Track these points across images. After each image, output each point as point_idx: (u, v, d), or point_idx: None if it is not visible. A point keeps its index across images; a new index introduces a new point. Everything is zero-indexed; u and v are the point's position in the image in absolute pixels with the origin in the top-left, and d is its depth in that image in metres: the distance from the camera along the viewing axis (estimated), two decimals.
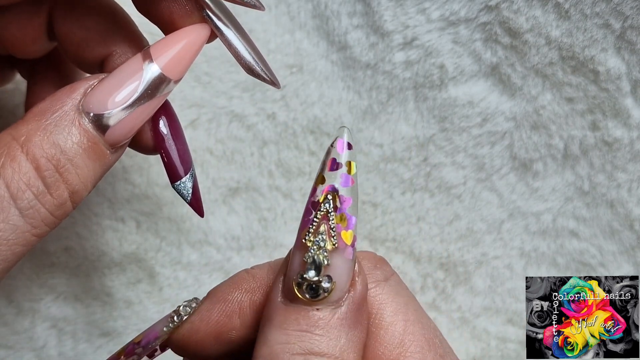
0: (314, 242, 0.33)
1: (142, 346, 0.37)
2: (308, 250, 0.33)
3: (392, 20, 0.50)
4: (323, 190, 0.33)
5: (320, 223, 0.33)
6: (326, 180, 0.33)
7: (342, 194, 0.33)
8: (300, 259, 0.33)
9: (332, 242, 0.33)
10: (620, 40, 0.48)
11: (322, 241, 0.33)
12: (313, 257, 0.33)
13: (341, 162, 0.34)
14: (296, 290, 0.33)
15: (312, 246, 0.33)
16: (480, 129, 0.51)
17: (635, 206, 0.50)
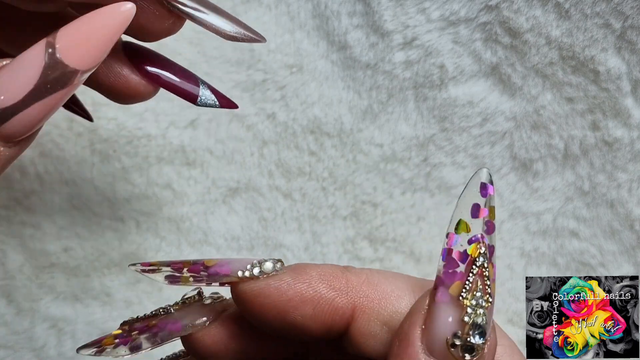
0: (472, 303, 0.30)
1: (209, 274, 0.34)
2: (466, 311, 0.30)
3: (392, 20, 0.49)
4: (471, 240, 0.30)
5: (475, 279, 0.30)
6: (471, 229, 0.30)
7: (489, 242, 0.30)
8: (456, 316, 0.30)
9: (489, 300, 0.30)
10: (621, 40, 0.48)
11: (481, 299, 0.30)
12: (474, 319, 0.30)
13: (486, 209, 0.30)
14: (451, 351, 0.29)
15: (471, 306, 0.30)
16: (480, 128, 0.51)
17: (635, 206, 0.50)
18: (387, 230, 0.51)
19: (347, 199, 0.51)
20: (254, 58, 0.50)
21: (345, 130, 0.51)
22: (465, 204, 0.30)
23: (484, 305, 0.30)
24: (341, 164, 0.51)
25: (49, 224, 0.49)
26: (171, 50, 0.50)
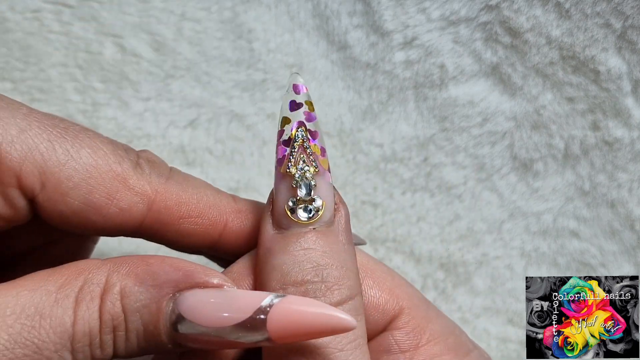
0: (298, 168, 0.35)
1: None
2: (294, 177, 0.35)
3: (392, 20, 0.49)
4: (292, 127, 0.35)
5: (298, 152, 0.35)
6: (291, 120, 0.35)
7: (309, 127, 0.35)
8: (287, 187, 0.35)
9: (314, 166, 0.35)
10: (621, 40, 0.48)
11: (305, 166, 0.35)
12: (302, 178, 0.35)
13: (301, 102, 0.35)
14: (290, 215, 0.34)
15: (297, 172, 0.35)
16: (480, 128, 0.50)
17: (635, 206, 0.50)
18: (387, 230, 0.51)
19: (347, 199, 0.51)
20: (254, 58, 0.50)
21: (345, 130, 0.51)
22: (285, 104, 0.35)
23: (309, 170, 0.35)
24: (341, 164, 0.51)
25: None
26: (171, 50, 0.50)
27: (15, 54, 0.49)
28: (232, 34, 0.50)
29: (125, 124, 0.50)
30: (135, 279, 0.32)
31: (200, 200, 0.37)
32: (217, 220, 0.37)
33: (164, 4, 0.50)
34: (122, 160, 0.35)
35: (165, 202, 0.36)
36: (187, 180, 0.37)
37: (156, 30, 0.49)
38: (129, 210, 0.35)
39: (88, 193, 0.34)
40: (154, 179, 0.35)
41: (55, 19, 0.49)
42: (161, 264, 0.33)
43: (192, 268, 0.33)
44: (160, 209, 0.35)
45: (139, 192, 0.35)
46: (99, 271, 0.32)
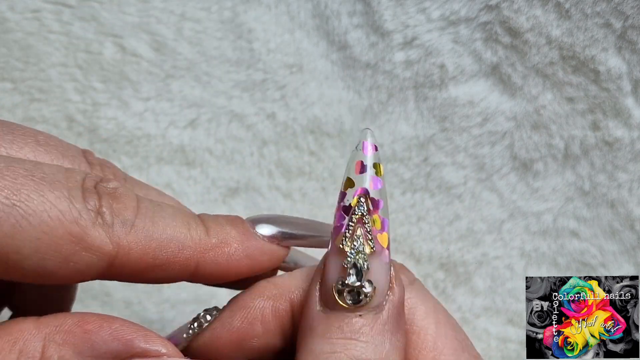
0: (352, 247, 0.32)
1: None
2: (347, 256, 0.32)
3: (392, 20, 0.50)
4: (354, 193, 0.33)
5: (356, 227, 0.33)
6: (355, 184, 0.33)
7: (373, 196, 0.33)
8: (338, 265, 0.32)
9: (370, 246, 0.32)
10: (621, 40, 0.48)
11: (360, 245, 0.32)
12: (353, 262, 0.32)
13: (368, 165, 0.33)
14: (337, 298, 0.32)
15: (351, 251, 0.32)
16: (480, 128, 0.51)
17: (636, 206, 0.50)
18: None
19: None
20: (254, 58, 0.50)
21: (345, 130, 0.51)
22: (351, 164, 0.33)
23: (363, 251, 0.32)
24: (341, 164, 0.51)
25: None
26: (171, 50, 0.50)
27: (15, 54, 0.49)
28: (232, 34, 0.50)
29: (125, 123, 0.50)
30: (74, 348, 0.30)
31: (167, 245, 0.33)
32: (187, 263, 0.34)
33: (164, 4, 0.50)
34: (80, 216, 0.31)
35: (128, 256, 0.32)
36: (154, 219, 0.33)
37: (156, 30, 0.49)
38: (87, 270, 0.31)
39: (41, 261, 0.30)
40: (117, 230, 0.32)
41: (55, 19, 0.49)
42: (99, 331, 0.31)
43: (132, 336, 0.31)
44: (123, 263, 0.32)
45: (97, 251, 0.31)
46: (34, 340, 0.30)
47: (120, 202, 0.32)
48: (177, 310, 0.50)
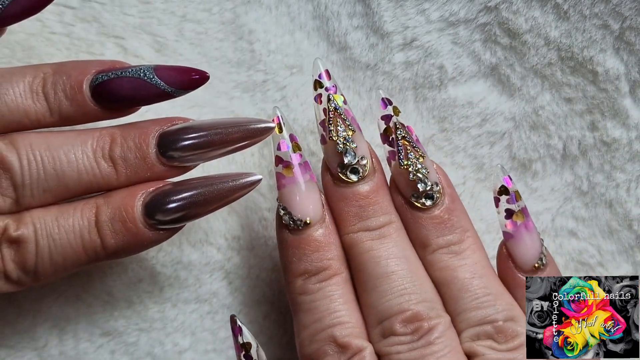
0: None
1: None
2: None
3: (391, 21, 0.50)
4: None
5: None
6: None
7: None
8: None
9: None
10: (619, 41, 0.48)
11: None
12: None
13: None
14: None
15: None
16: (479, 129, 0.51)
17: (633, 206, 0.50)
18: None
19: None
20: (255, 59, 0.50)
21: None
22: None
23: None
24: None
25: None
26: (172, 51, 0.50)
27: (18, 55, 0.49)
28: (233, 35, 0.50)
29: None
30: None
31: (69, 268, 0.42)
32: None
33: (165, 5, 0.50)
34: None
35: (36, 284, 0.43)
36: (52, 255, 0.41)
37: (157, 31, 0.50)
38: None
39: None
40: (22, 280, 0.41)
41: (57, 20, 0.49)
42: None
43: None
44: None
45: (6, 293, 0.42)
46: None
47: (20, 254, 0.40)
48: (179, 309, 0.50)
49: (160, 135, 0.42)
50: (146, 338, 0.50)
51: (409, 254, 0.43)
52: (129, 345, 0.50)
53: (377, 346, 0.41)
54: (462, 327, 0.42)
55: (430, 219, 0.43)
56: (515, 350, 0.40)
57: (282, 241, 0.44)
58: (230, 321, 0.45)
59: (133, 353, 0.50)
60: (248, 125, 0.42)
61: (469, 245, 0.43)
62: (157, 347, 0.51)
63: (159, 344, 0.50)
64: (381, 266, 0.42)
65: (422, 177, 0.43)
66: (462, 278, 0.42)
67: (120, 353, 0.50)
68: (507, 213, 0.44)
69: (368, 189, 0.43)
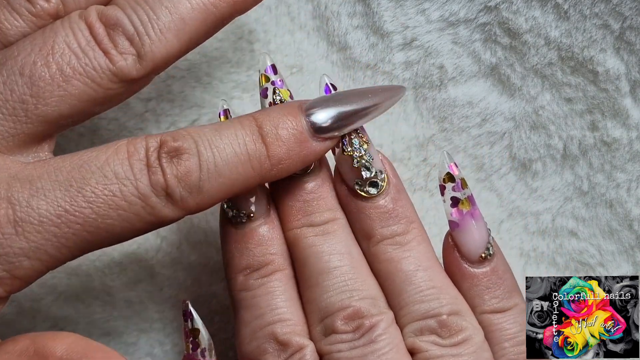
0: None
1: None
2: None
3: (391, 21, 0.50)
4: None
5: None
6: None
7: None
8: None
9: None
10: (619, 41, 0.48)
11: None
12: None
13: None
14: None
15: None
16: (479, 129, 0.51)
17: (634, 206, 0.50)
18: None
19: None
20: (255, 59, 0.50)
21: None
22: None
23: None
24: None
25: None
26: None
27: None
28: (232, 35, 0.50)
29: (127, 124, 0.50)
30: None
31: (233, 187, 0.39)
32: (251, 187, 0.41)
33: None
34: (152, 207, 0.38)
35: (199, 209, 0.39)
36: (217, 170, 0.39)
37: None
38: None
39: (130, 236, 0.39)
40: (186, 200, 0.38)
41: None
42: None
43: None
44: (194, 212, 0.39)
45: (170, 220, 0.39)
46: None
47: (183, 165, 0.38)
48: (178, 309, 0.50)
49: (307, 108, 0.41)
50: (146, 338, 0.50)
51: (353, 250, 0.42)
52: (129, 345, 0.51)
53: (318, 344, 0.41)
54: (405, 322, 0.41)
55: (375, 208, 0.42)
56: (459, 345, 0.40)
57: (225, 235, 0.43)
58: (181, 305, 0.44)
59: (133, 353, 0.50)
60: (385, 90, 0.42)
61: (415, 237, 0.42)
62: (157, 347, 0.51)
63: (159, 344, 0.51)
64: (323, 262, 0.41)
65: (367, 163, 0.42)
66: (406, 270, 0.41)
67: (120, 353, 0.50)
68: (453, 201, 0.43)
69: (313, 184, 0.42)
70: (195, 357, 0.43)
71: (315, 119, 0.40)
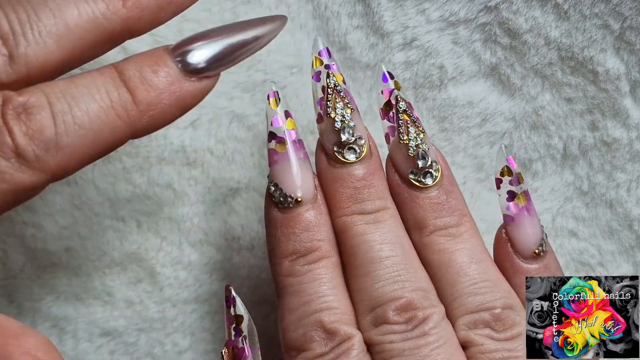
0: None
1: None
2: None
3: (391, 21, 0.50)
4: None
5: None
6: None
7: (235, 345, 0.42)
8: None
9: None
10: (619, 41, 0.48)
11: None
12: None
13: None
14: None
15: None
16: (479, 129, 0.51)
17: (634, 206, 0.50)
18: None
19: None
20: (254, 59, 0.50)
21: None
22: None
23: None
24: None
25: (51, 224, 0.49)
26: None
27: None
28: None
29: None
30: None
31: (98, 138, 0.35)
32: (122, 139, 0.36)
33: None
34: (3, 172, 0.33)
35: (64, 170, 0.35)
36: (74, 119, 0.34)
37: (157, 31, 0.49)
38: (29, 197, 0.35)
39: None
40: (43, 159, 0.33)
41: None
42: None
43: None
44: (61, 174, 0.35)
45: (32, 186, 0.34)
46: None
47: (33, 121, 0.33)
48: (178, 309, 0.50)
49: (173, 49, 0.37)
50: (146, 338, 0.50)
51: (404, 241, 0.41)
52: (129, 345, 0.50)
53: (367, 334, 0.40)
54: (457, 314, 0.41)
55: (429, 198, 0.42)
56: (513, 339, 0.40)
57: (271, 220, 0.42)
58: (224, 290, 0.43)
59: (133, 353, 0.50)
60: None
61: (467, 230, 0.42)
62: (157, 347, 0.51)
63: (159, 344, 0.51)
64: (375, 250, 0.40)
65: (423, 153, 0.42)
66: (460, 262, 0.41)
67: (120, 353, 0.50)
68: (509, 195, 0.43)
69: (364, 172, 0.42)
70: (237, 344, 0.42)
71: (188, 58, 0.37)
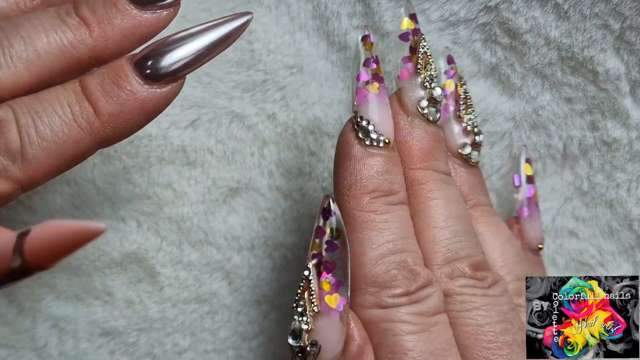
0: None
1: None
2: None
3: (392, 21, 0.50)
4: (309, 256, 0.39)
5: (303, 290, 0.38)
6: None
7: (325, 260, 0.38)
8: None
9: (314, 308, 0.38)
10: (619, 41, 0.48)
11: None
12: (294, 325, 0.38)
13: None
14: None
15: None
16: None
17: (634, 206, 0.50)
18: None
19: None
20: (254, 59, 0.50)
21: None
22: None
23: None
24: None
25: None
26: None
27: None
28: None
29: None
30: None
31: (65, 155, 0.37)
32: None
33: None
34: None
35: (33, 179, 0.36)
36: (38, 132, 0.36)
37: None
38: None
39: None
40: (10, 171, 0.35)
41: None
42: None
43: None
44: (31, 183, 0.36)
45: None
46: None
47: (1, 134, 0.35)
48: (178, 309, 0.50)
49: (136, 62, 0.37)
50: (146, 338, 0.51)
51: None
52: (129, 345, 0.51)
53: (443, 284, 0.40)
54: None
55: (473, 175, 0.45)
56: None
57: (354, 155, 0.41)
58: (323, 200, 0.40)
59: (133, 353, 0.51)
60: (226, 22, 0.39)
61: (495, 213, 0.45)
62: (157, 347, 0.51)
63: (159, 344, 0.51)
64: (452, 206, 0.42)
65: (478, 130, 0.45)
66: (505, 235, 0.44)
67: (120, 353, 0.50)
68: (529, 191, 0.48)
69: (440, 134, 0.43)
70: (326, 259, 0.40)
71: (150, 65, 0.37)
